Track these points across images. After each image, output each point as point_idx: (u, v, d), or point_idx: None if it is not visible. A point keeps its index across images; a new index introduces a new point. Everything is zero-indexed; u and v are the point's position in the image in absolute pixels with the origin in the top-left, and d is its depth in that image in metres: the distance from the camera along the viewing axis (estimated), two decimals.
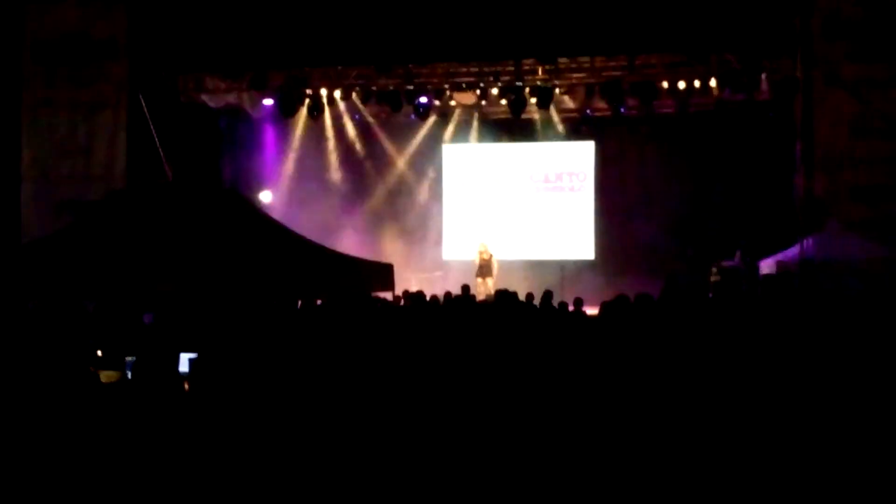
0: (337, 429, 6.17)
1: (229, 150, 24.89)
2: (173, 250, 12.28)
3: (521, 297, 14.90)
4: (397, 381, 7.65)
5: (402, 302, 15.06)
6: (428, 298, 14.86)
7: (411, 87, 21.99)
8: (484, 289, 21.92)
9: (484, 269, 22.82)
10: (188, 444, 5.73)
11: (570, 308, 13.83)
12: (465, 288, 16.81)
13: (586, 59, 21.34)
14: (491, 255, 23.01)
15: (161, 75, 21.43)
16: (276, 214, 18.07)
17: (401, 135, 25.93)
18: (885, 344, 7.67)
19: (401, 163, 26.14)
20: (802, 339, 7.67)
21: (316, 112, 23.02)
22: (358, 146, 25.92)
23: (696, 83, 20.85)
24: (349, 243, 22.55)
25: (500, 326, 11.14)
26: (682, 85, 20.89)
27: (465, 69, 22.09)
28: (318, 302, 13.45)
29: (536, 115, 24.20)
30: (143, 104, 20.79)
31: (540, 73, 21.55)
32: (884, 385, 6.35)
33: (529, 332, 10.44)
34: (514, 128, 24.99)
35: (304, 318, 12.42)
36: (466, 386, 7.26)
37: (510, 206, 25.62)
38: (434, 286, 20.19)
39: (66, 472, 5.43)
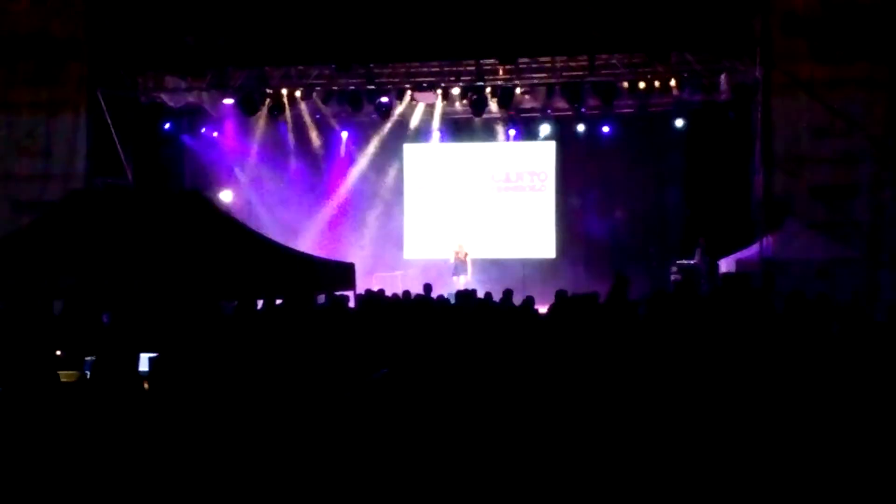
0: (296, 428, 6.17)
1: (190, 150, 24.79)
2: (134, 250, 12.22)
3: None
4: (356, 379, 7.66)
5: (364, 301, 15.04)
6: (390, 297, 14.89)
7: (372, 87, 22.01)
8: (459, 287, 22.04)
9: (459, 268, 22.97)
10: (147, 444, 5.71)
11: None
12: (427, 287, 16.83)
13: (547, 59, 21.43)
14: (467, 254, 23.16)
15: (121, 75, 21.28)
16: (237, 214, 18.02)
17: (362, 134, 25.92)
18: (841, 344, 7.72)
19: (362, 162, 26.12)
20: (760, 337, 7.70)
21: (277, 112, 23.02)
22: (319, 146, 25.91)
23: (657, 83, 20.96)
24: (310, 243, 22.57)
25: (458, 325, 11.17)
26: (642, 85, 20.99)
27: (426, 69, 22.13)
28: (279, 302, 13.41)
29: (497, 115, 24.29)
30: (103, 104, 20.65)
31: (501, 73, 21.59)
32: (839, 385, 6.38)
33: (486, 330, 10.48)
34: (475, 127, 25.05)
35: (263, 319, 12.39)
36: (429, 383, 7.27)
37: (471, 206, 25.69)
38: (395, 286, 20.19)
39: (23, 472, 5.40)
